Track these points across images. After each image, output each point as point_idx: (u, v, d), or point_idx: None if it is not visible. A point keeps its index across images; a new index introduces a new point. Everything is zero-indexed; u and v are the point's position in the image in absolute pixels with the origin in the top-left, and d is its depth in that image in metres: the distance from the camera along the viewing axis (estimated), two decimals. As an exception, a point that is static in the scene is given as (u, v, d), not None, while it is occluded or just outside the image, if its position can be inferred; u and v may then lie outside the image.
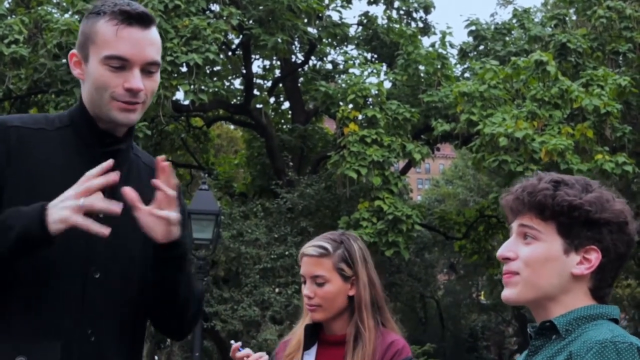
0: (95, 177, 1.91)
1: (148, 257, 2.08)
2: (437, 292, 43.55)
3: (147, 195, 2.13)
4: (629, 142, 17.10)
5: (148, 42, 2.06)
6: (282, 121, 23.71)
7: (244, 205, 20.10)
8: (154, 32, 2.09)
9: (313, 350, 2.82)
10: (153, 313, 2.19)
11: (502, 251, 1.90)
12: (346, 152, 16.85)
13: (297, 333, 2.84)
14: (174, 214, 2.00)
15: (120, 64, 2.02)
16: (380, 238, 16.76)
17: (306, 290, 2.76)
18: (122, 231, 2.05)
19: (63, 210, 1.88)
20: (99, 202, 1.90)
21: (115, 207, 1.91)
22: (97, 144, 2.09)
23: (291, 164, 20.86)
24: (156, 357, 31.57)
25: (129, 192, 1.97)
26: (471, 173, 30.75)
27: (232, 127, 28.43)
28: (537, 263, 1.82)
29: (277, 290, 18.02)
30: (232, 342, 2.75)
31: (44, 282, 1.97)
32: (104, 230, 1.89)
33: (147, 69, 2.06)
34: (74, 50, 2.12)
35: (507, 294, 1.87)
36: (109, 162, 1.94)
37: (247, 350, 2.71)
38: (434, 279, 39.04)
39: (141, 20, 2.05)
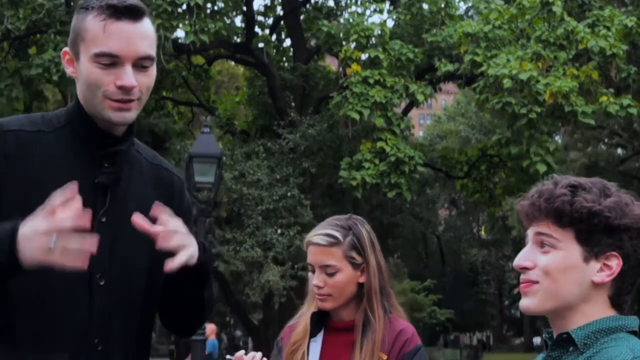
0: (63, 207, 1.75)
1: (157, 264, 2.05)
2: (438, 227, 43.81)
3: (151, 195, 2.08)
4: (634, 82, 16.92)
5: (139, 36, 1.96)
6: (284, 59, 23.48)
7: (245, 145, 20.06)
8: (145, 25, 1.99)
9: (319, 337, 2.78)
10: (163, 315, 2.18)
11: (519, 261, 1.84)
12: (349, 93, 16.72)
13: (303, 319, 2.80)
14: (184, 256, 1.91)
15: (110, 60, 1.93)
16: (383, 179, 16.75)
17: (315, 280, 2.69)
18: (123, 237, 2.01)
19: (35, 251, 1.75)
20: (73, 241, 1.75)
21: (90, 245, 1.76)
22: (96, 145, 2.02)
23: (293, 103, 20.73)
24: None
25: (138, 220, 1.89)
26: (473, 110, 30.58)
27: (233, 63, 28.16)
28: (556, 272, 1.76)
29: (279, 231, 18.10)
30: (227, 356, 2.70)
31: (50, 291, 1.93)
32: (83, 265, 1.76)
33: (140, 64, 1.97)
34: (66, 49, 2.03)
35: (527, 304, 1.82)
36: (73, 189, 1.77)
37: (240, 353, 2.66)
38: (435, 214, 39.24)
39: (130, 13, 1.95)
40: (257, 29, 21.35)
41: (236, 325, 37.70)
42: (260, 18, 22.73)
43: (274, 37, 22.76)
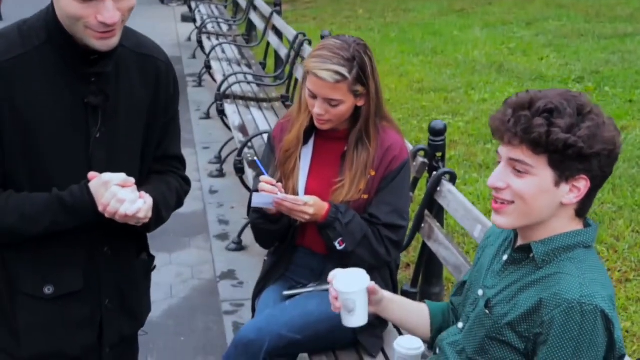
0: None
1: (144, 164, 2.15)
2: None
3: (139, 91, 2.11)
4: None
5: None
6: None
7: None
8: None
9: (310, 142, 2.89)
10: None
11: (492, 181, 1.94)
12: None
13: (295, 127, 2.86)
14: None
15: None
16: None
17: (317, 109, 2.72)
18: (116, 149, 2.07)
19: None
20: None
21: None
22: (81, 63, 1.96)
23: None
24: None
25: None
26: None
27: None
28: (529, 196, 1.88)
29: None
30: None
31: None
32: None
33: None
34: None
35: (500, 221, 1.96)
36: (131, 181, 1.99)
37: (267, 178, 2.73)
38: None
39: None
40: None
41: None
42: None
43: None
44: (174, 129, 2.28)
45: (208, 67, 7.84)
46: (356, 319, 2.20)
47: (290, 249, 2.97)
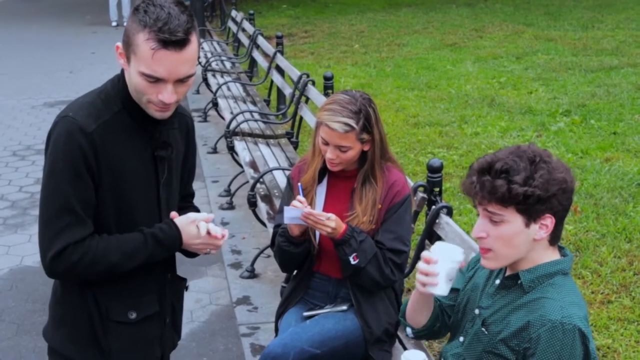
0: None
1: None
2: None
3: (180, 143, 2.55)
4: None
5: (183, 62, 2.20)
6: None
7: None
8: (190, 49, 2.20)
9: (324, 182, 3.33)
10: None
11: (475, 232, 2.35)
12: None
13: (311, 169, 3.30)
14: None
15: (155, 79, 2.22)
16: None
17: (330, 154, 3.17)
18: (172, 189, 2.52)
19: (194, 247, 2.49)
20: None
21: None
22: (151, 125, 2.38)
23: None
24: None
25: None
26: None
27: None
28: (506, 240, 2.29)
29: None
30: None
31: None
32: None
33: (181, 80, 2.26)
34: (119, 44, 2.28)
35: (488, 264, 2.37)
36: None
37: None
38: None
39: (178, 43, 2.17)
40: None
41: None
42: None
43: None
44: (194, 171, 2.75)
45: (215, 104, 8.26)
46: (447, 287, 2.41)
47: (308, 275, 3.38)
